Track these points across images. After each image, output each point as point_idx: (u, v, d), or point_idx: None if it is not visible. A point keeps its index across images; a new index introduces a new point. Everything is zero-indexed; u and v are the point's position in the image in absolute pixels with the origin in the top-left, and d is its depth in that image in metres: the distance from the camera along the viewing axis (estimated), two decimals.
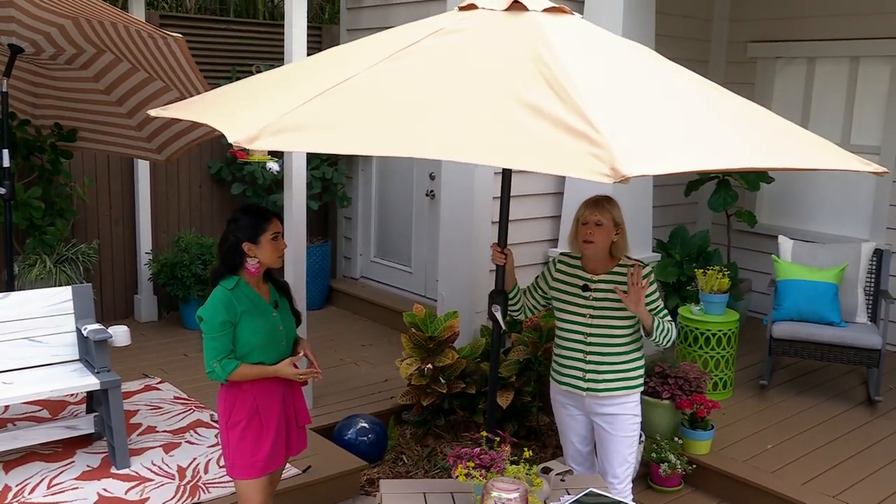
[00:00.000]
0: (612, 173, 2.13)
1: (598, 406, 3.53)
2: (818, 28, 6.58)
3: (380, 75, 2.57)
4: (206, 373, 3.09)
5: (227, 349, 3.06)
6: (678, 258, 6.07)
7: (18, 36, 4.80)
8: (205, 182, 7.10)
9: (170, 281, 6.43)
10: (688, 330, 5.26)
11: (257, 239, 3.11)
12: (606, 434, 3.54)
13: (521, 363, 4.97)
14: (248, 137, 2.30)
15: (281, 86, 2.78)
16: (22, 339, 4.36)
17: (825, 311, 5.23)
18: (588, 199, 3.49)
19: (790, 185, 6.86)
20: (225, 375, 3.05)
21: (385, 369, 5.91)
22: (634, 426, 3.54)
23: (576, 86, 2.44)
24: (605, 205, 3.44)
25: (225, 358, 3.05)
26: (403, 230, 7.24)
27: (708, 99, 2.76)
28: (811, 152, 2.64)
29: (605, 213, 3.42)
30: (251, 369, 3.10)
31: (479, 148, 2.28)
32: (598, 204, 3.44)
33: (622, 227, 3.46)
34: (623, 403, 3.51)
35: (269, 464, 3.20)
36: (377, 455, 4.81)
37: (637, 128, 2.37)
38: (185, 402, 5.19)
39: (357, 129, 2.34)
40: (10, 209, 5.10)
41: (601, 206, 3.44)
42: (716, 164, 2.33)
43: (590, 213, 3.43)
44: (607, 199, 3.48)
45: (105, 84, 5.31)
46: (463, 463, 2.80)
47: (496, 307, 3.46)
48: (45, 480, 4.12)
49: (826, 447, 4.70)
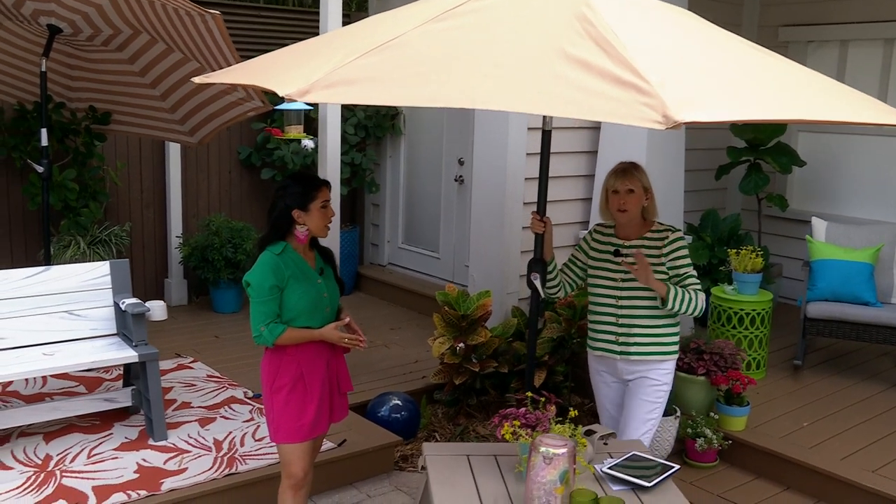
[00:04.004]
0: (665, 120, 2.13)
1: (629, 370, 3.56)
2: (851, 11, 6.53)
3: (426, 34, 2.59)
4: (254, 337, 3.11)
5: (274, 313, 3.08)
6: (709, 241, 6.05)
7: (57, 16, 4.86)
8: (234, 167, 7.15)
9: (200, 264, 6.47)
10: (721, 310, 5.24)
11: (307, 206, 3.12)
12: (630, 395, 3.58)
13: (555, 341, 4.97)
14: (299, 90, 2.32)
15: (326, 48, 2.80)
16: (62, 311, 4.41)
17: (860, 290, 5.19)
18: (615, 168, 3.50)
19: (820, 169, 6.81)
20: (273, 339, 3.07)
21: (415, 351, 5.93)
22: (659, 393, 3.54)
23: (621, 42, 2.45)
24: (634, 172, 3.47)
25: (272, 322, 3.07)
26: (432, 216, 7.25)
27: (753, 55, 2.75)
28: (861, 108, 2.62)
29: (635, 181, 3.45)
30: (297, 333, 3.12)
31: (528, 98, 2.29)
32: (626, 172, 3.47)
33: (651, 191, 3.51)
34: (653, 369, 3.53)
35: (315, 428, 3.21)
36: (410, 432, 4.82)
37: (685, 79, 2.38)
38: (218, 379, 5.23)
39: (407, 82, 2.36)
40: (47, 188, 5.16)
41: (629, 173, 3.46)
42: (768, 114, 2.33)
43: (620, 183, 3.45)
44: (634, 165, 3.51)
45: (140, 66, 5.37)
46: (509, 422, 2.80)
47: (535, 275, 3.47)
48: (84, 451, 4.17)
49: (863, 425, 4.67)
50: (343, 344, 3.22)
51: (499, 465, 2.99)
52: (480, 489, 2.81)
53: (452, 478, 2.88)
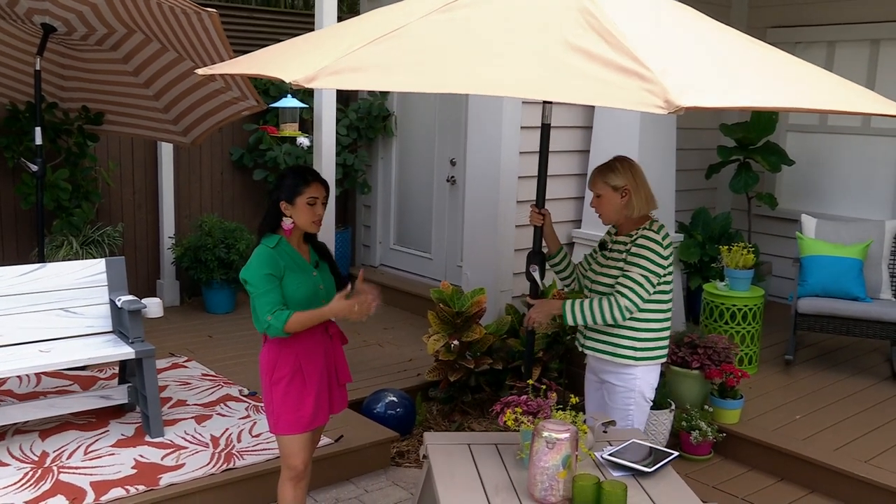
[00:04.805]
0: (666, 105, 2.17)
1: (599, 368, 3.50)
2: (837, 12, 6.62)
3: (431, 24, 2.62)
4: (262, 331, 3.09)
5: (277, 302, 3.06)
6: (700, 239, 6.11)
7: (52, 15, 4.86)
8: (226, 169, 7.15)
9: (193, 264, 6.47)
10: (713, 305, 5.29)
11: (293, 200, 3.14)
12: (596, 401, 3.56)
13: (549, 337, 5.00)
14: (306, 77, 2.34)
15: (330, 39, 2.83)
16: (58, 309, 4.40)
17: (850, 286, 5.26)
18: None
19: (809, 168, 6.89)
20: (281, 325, 3.03)
21: (409, 350, 5.94)
22: (626, 400, 3.41)
23: (622, 33, 2.49)
24: (597, 174, 3.36)
25: (277, 310, 3.06)
26: (424, 217, 7.28)
27: (752, 46, 2.80)
28: (857, 98, 2.67)
29: (599, 184, 3.34)
30: (304, 314, 3.07)
31: (534, 84, 2.33)
32: (591, 176, 3.38)
33: (627, 187, 3.31)
34: (615, 372, 3.41)
35: (314, 419, 3.22)
36: (406, 429, 4.83)
37: (686, 68, 2.41)
38: (213, 378, 5.23)
39: (413, 68, 2.39)
40: (41, 187, 5.15)
41: (593, 177, 3.37)
42: (768, 102, 2.37)
43: (589, 187, 3.40)
44: (602, 166, 3.37)
45: (134, 66, 5.37)
46: (511, 409, 2.83)
47: (534, 267, 3.49)
48: (81, 447, 4.16)
49: (855, 417, 4.73)
50: (353, 313, 3.09)
51: (500, 453, 3.01)
52: (483, 476, 2.84)
53: (455, 465, 2.90)
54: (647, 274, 3.27)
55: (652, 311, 3.34)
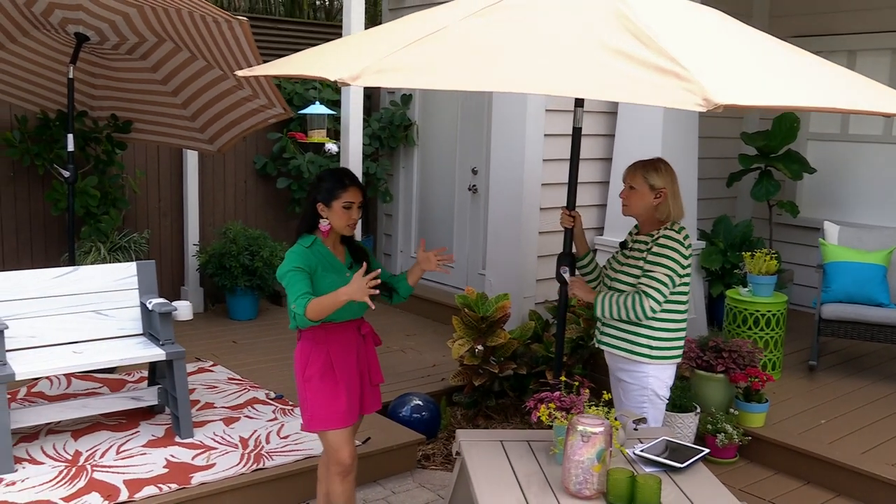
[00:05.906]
0: (706, 103, 2.22)
1: (614, 367, 3.56)
2: (859, 21, 6.66)
3: (469, 27, 2.69)
4: (293, 321, 3.09)
5: (303, 291, 3.06)
6: (722, 246, 6.13)
7: (85, 24, 4.96)
8: (250, 177, 7.23)
9: (217, 271, 6.54)
10: (736, 311, 5.31)
11: (330, 203, 3.20)
12: (617, 398, 3.59)
13: (573, 341, 5.03)
14: (351, 75, 2.40)
15: (368, 42, 2.90)
16: (90, 311, 4.47)
17: (874, 292, 5.27)
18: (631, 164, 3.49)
19: (830, 177, 6.91)
20: (302, 311, 3.02)
21: (432, 356, 5.98)
22: (641, 399, 3.44)
23: (659, 35, 2.54)
24: (638, 168, 3.40)
25: (300, 297, 3.06)
26: (445, 225, 7.33)
27: (781, 48, 2.85)
28: (892, 100, 2.71)
29: (636, 177, 3.39)
30: (320, 298, 3.04)
31: (571, 83, 2.38)
32: (631, 167, 3.42)
33: (664, 190, 3.37)
34: (627, 369, 3.46)
35: (349, 415, 3.27)
36: (431, 433, 4.87)
37: (721, 68, 2.47)
38: (239, 382, 5.28)
39: (455, 68, 2.45)
40: (72, 193, 5.24)
41: (633, 168, 3.41)
42: (807, 101, 2.41)
43: (625, 177, 3.46)
44: (646, 162, 3.41)
45: (162, 74, 5.46)
46: (545, 404, 2.86)
47: (564, 268, 3.54)
48: (113, 447, 4.22)
49: (881, 422, 4.73)
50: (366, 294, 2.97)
51: (532, 450, 3.05)
52: (517, 471, 2.87)
53: (488, 461, 2.94)
54: (670, 273, 3.33)
55: (669, 310, 3.40)
